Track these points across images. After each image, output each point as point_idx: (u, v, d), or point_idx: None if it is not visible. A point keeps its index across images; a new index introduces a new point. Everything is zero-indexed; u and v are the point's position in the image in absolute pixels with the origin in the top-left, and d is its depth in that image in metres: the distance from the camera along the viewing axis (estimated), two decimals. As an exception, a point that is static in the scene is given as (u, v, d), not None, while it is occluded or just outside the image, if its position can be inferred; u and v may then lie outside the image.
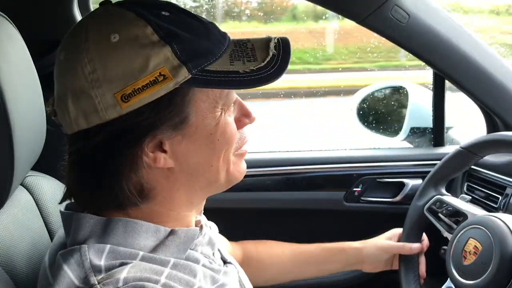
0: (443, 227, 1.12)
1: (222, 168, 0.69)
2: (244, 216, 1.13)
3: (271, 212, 1.19)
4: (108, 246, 0.62)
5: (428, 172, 1.21)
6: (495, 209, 1.20)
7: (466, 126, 1.66)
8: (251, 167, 1.40)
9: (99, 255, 0.61)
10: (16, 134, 0.70)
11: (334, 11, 1.24)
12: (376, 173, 1.45)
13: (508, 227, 0.91)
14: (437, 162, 1.19)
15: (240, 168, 0.72)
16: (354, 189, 1.44)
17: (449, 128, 1.55)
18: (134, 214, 0.66)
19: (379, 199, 1.48)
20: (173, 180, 0.67)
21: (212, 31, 0.66)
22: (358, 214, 1.49)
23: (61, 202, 0.70)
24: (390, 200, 1.48)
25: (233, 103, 0.69)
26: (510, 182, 1.20)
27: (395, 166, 1.45)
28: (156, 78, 0.59)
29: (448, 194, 1.18)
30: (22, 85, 0.75)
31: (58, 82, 0.64)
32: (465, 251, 0.98)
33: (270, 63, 0.65)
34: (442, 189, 1.19)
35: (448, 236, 1.08)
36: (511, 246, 0.89)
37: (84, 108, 0.61)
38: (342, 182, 1.45)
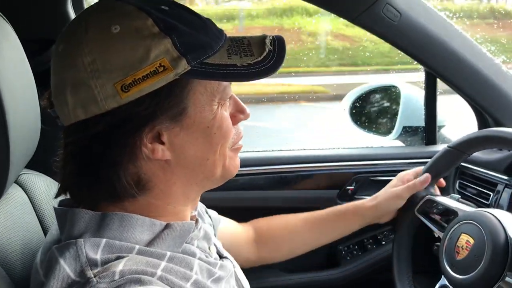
0: (435, 226, 1.13)
1: (218, 162, 0.70)
2: (238, 215, 1.13)
3: (265, 211, 1.20)
4: (104, 240, 0.62)
5: None
6: (486, 206, 1.21)
7: (458, 124, 1.67)
8: (245, 166, 1.41)
9: (95, 249, 0.61)
10: (11, 132, 0.70)
11: (327, 9, 1.25)
12: (369, 171, 1.45)
13: (499, 221, 0.93)
14: (429, 160, 1.21)
15: (235, 163, 0.74)
16: (348, 187, 1.44)
17: (441, 127, 1.57)
18: (131, 208, 0.66)
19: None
20: (170, 173, 0.67)
21: (209, 27, 0.67)
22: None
23: (56, 197, 0.70)
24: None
25: (228, 98, 0.70)
26: (501, 179, 1.21)
27: (388, 164, 1.46)
28: (156, 68, 0.60)
29: (438, 194, 1.19)
30: (17, 83, 0.75)
31: (56, 74, 0.65)
32: (457, 246, 0.99)
33: (266, 57, 0.66)
34: (432, 188, 1.20)
35: (440, 235, 1.09)
36: (502, 239, 0.90)
37: (83, 98, 0.61)
38: (336, 181, 1.45)
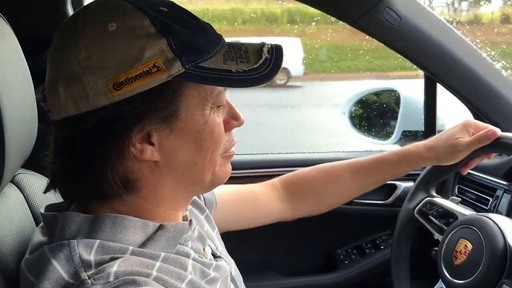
0: (434, 229, 1.13)
1: (208, 168, 0.69)
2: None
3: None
4: (97, 241, 0.62)
5: (420, 174, 1.22)
6: (485, 211, 1.21)
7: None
8: (239, 169, 1.40)
9: (88, 250, 0.61)
10: (7, 131, 0.69)
11: (326, 12, 1.25)
12: None
13: (498, 226, 0.92)
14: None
15: (226, 170, 0.73)
16: None
17: (440, 131, 1.56)
18: (123, 209, 0.66)
19: (371, 201, 1.49)
20: (158, 175, 0.67)
21: (208, 31, 0.67)
22: (350, 216, 1.49)
23: (45, 192, 0.69)
24: (382, 202, 1.48)
25: (222, 105, 0.70)
26: (500, 184, 1.20)
27: None
28: (149, 68, 0.60)
29: (438, 196, 1.19)
30: (14, 82, 0.74)
31: (51, 67, 0.64)
32: (456, 251, 0.98)
33: (262, 65, 0.66)
34: (432, 191, 1.19)
35: (439, 238, 1.08)
36: (501, 245, 0.90)
37: (75, 93, 0.61)
38: None
